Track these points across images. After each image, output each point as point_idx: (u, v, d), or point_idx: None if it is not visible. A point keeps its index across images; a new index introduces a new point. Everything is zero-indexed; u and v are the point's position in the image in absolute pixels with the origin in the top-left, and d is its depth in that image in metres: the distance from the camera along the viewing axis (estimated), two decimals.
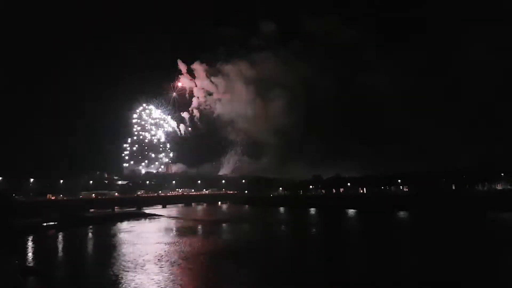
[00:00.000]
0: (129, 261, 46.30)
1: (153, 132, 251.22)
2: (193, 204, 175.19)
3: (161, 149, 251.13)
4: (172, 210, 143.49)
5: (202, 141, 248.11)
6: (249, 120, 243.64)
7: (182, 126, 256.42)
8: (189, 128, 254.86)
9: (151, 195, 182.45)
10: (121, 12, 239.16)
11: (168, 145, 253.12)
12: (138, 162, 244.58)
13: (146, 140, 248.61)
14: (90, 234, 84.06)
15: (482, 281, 33.97)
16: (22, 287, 35.90)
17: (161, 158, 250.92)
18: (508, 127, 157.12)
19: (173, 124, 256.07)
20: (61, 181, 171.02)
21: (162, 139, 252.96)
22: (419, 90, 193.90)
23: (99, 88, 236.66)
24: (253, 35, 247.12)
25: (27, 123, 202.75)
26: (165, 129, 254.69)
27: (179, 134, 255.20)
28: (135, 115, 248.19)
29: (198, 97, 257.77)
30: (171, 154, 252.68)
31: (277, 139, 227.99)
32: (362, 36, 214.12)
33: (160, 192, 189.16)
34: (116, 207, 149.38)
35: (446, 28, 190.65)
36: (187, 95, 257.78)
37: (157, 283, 35.91)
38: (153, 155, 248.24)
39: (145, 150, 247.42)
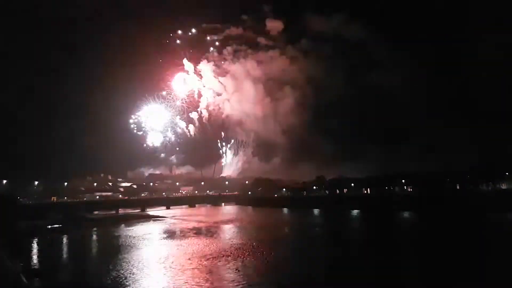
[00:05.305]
0: (133, 263, 46.41)
1: (160, 133, 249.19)
2: (196, 205, 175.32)
3: (162, 155, 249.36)
4: (176, 212, 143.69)
5: (210, 142, 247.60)
6: (258, 120, 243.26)
7: (191, 127, 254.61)
8: (198, 129, 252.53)
9: (155, 197, 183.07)
10: (121, 8, 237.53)
11: (177, 147, 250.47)
12: (142, 164, 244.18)
13: (153, 143, 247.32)
14: (94, 236, 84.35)
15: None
16: None
17: (171, 160, 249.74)
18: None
19: (182, 125, 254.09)
20: (65, 183, 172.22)
21: (172, 140, 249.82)
22: (428, 89, 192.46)
23: (104, 89, 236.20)
24: (260, 34, 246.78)
25: (31, 126, 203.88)
26: (175, 130, 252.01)
27: (188, 135, 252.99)
28: (140, 116, 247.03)
29: (207, 98, 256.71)
30: (182, 156, 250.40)
31: (285, 140, 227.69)
32: (371, 34, 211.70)
33: (163, 193, 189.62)
34: (120, 209, 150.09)
35: (457, 25, 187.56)
36: (195, 95, 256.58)
37: (161, 285, 36.01)
38: (162, 156, 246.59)
39: (152, 151, 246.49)
